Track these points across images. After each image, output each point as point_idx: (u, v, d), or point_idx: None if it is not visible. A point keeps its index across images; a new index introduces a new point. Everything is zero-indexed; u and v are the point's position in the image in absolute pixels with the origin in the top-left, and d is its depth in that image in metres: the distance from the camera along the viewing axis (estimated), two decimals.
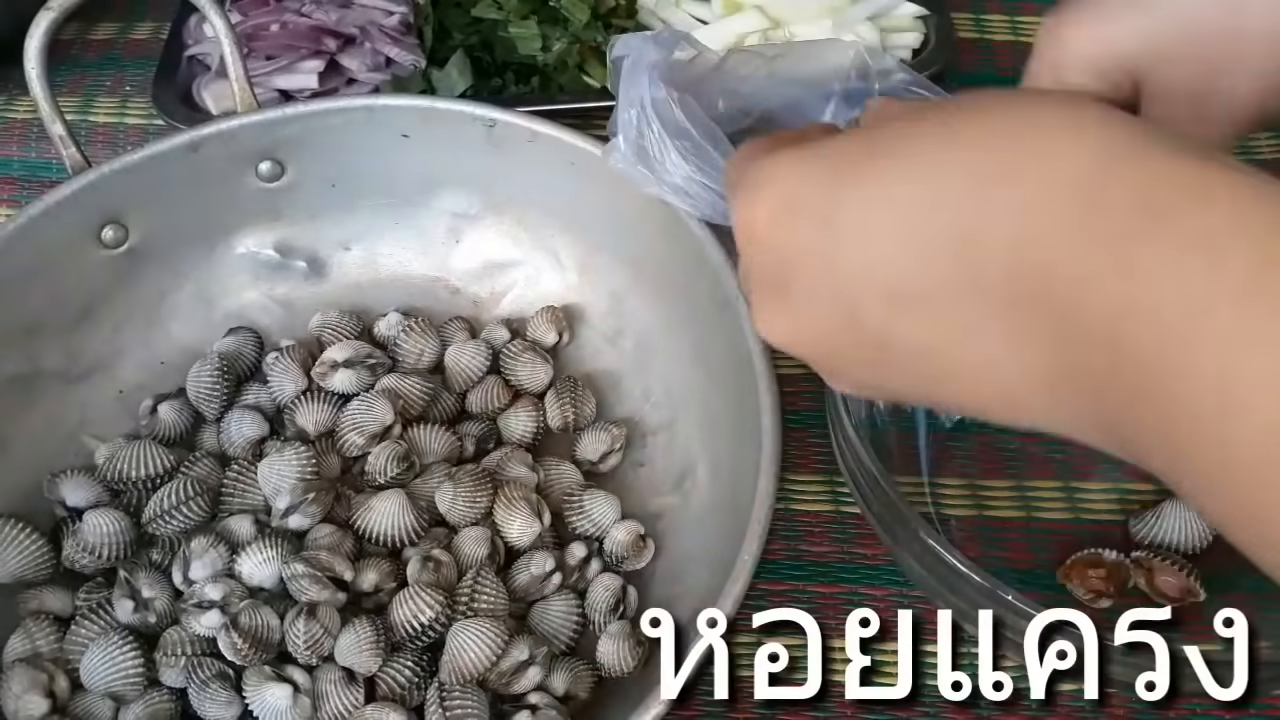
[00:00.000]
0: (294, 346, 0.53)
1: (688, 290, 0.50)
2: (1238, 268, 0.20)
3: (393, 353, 0.54)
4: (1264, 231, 0.21)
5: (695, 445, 0.50)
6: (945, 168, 0.26)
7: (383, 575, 0.45)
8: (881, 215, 0.27)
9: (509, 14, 0.70)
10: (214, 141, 0.53)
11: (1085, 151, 0.24)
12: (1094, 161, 0.23)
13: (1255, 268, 0.20)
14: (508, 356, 0.54)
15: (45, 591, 0.46)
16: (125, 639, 0.43)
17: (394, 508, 0.46)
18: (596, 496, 0.48)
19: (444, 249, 0.58)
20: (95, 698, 0.43)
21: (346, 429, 0.49)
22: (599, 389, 0.54)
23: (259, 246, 0.57)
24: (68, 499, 0.47)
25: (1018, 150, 0.25)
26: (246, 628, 0.42)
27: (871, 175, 0.27)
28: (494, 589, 0.44)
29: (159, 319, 0.55)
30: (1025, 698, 0.46)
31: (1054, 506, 0.51)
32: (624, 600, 0.46)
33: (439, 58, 0.69)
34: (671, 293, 0.52)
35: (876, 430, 0.49)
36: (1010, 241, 0.24)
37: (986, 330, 0.25)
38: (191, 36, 0.69)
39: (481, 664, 0.41)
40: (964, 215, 0.25)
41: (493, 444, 0.52)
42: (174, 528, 0.46)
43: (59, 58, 0.72)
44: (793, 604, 0.49)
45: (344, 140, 0.54)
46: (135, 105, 0.70)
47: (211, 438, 0.51)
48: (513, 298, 0.57)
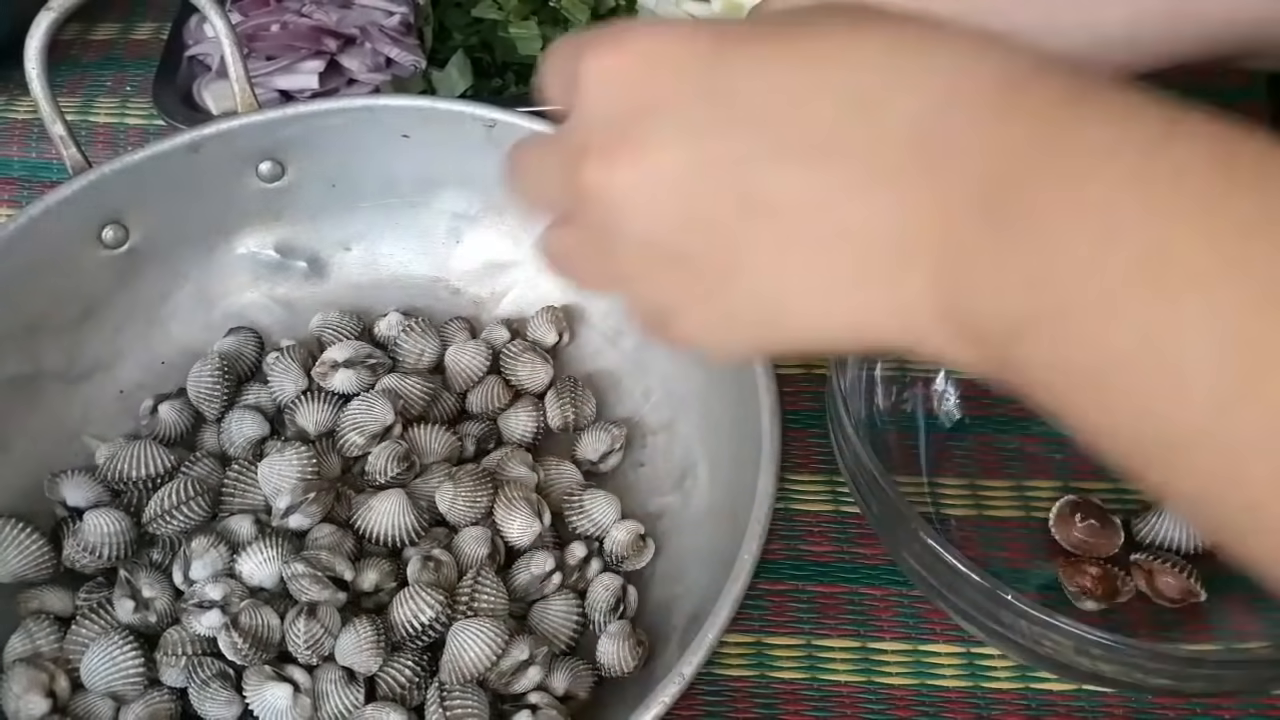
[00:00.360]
0: (294, 346, 0.53)
1: None
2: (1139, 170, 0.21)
3: (393, 353, 0.54)
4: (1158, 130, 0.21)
5: (695, 445, 0.50)
6: (853, 48, 0.25)
7: (383, 575, 0.45)
8: (778, 73, 0.25)
9: (509, 14, 0.70)
10: (214, 142, 0.53)
11: (995, 59, 0.24)
12: (1007, 65, 0.23)
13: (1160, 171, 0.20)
14: (508, 356, 0.54)
15: (46, 591, 0.46)
16: (126, 639, 0.43)
17: (394, 508, 0.46)
18: (596, 496, 0.48)
19: (444, 249, 0.58)
20: (96, 697, 0.43)
21: (347, 429, 0.49)
22: (599, 389, 0.54)
23: (259, 247, 0.57)
24: (68, 499, 0.48)
25: (934, 52, 0.24)
26: (247, 627, 0.42)
27: (769, 42, 0.26)
28: (494, 589, 0.44)
29: (159, 319, 0.55)
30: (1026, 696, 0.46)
31: (1054, 506, 0.51)
32: (624, 600, 0.46)
33: (439, 58, 0.69)
34: None
35: (876, 430, 0.49)
36: (918, 110, 0.23)
37: (867, 191, 0.24)
38: (192, 37, 0.69)
39: (482, 664, 0.42)
40: (869, 81, 0.24)
41: (493, 444, 0.52)
42: (174, 527, 0.46)
43: (59, 58, 0.72)
44: (793, 604, 0.49)
45: (344, 140, 0.54)
46: (136, 105, 0.70)
47: (212, 438, 0.52)
48: (513, 298, 0.57)
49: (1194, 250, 0.19)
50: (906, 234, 0.24)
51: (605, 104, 0.27)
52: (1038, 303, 0.21)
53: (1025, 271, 0.22)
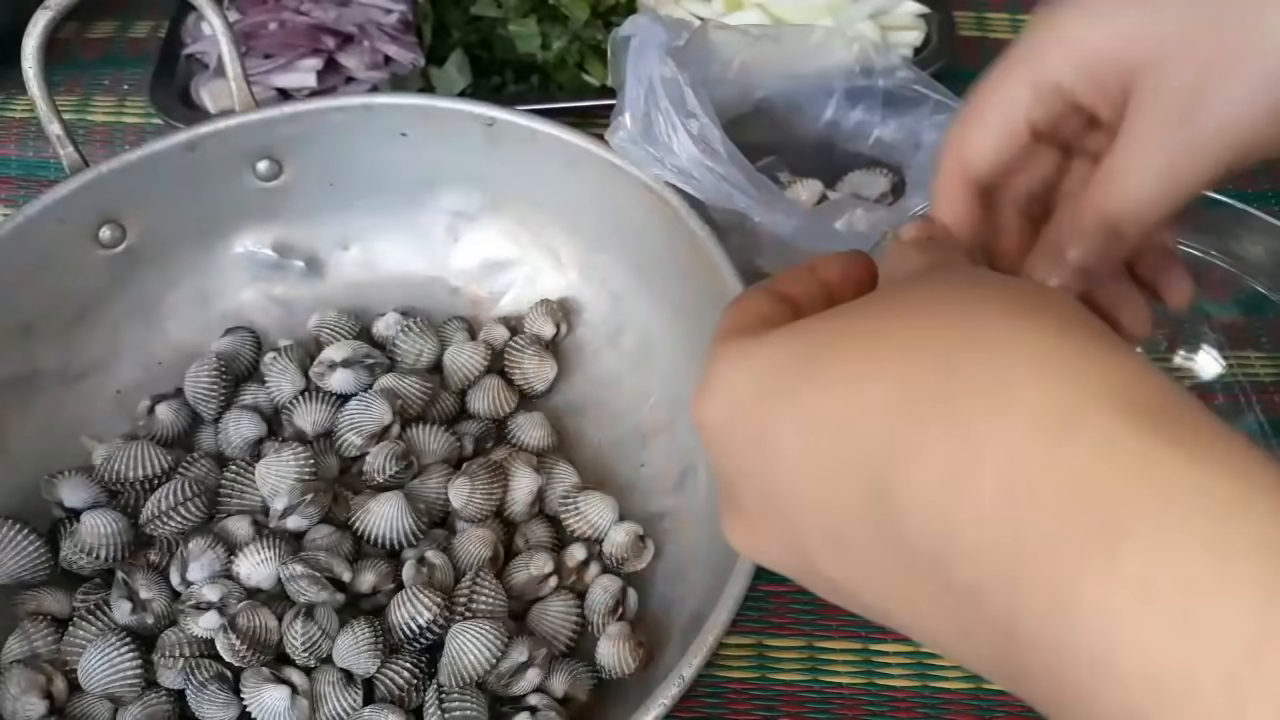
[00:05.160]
0: (292, 346, 0.53)
1: (688, 290, 0.50)
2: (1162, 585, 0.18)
3: (391, 353, 0.53)
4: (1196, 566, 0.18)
5: (695, 445, 0.49)
6: (865, 392, 0.23)
7: (381, 576, 0.45)
8: (807, 440, 0.24)
9: (508, 12, 0.70)
10: (212, 140, 0.52)
11: (1022, 413, 0.21)
12: (1027, 435, 0.20)
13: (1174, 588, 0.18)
14: (513, 350, 0.53)
15: (43, 592, 0.46)
16: (123, 640, 0.43)
17: (392, 510, 0.46)
18: (592, 498, 0.48)
19: (443, 248, 0.58)
20: (93, 699, 0.43)
21: (344, 429, 0.49)
22: (599, 389, 0.54)
23: (257, 246, 0.56)
24: (65, 500, 0.47)
25: (954, 381, 0.22)
26: (244, 629, 0.42)
27: (802, 390, 0.24)
28: (493, 590, 0.44)
29: (157, 319, 0.55)
30: None
31: None
32: (623, 602, 0.46)
33: (438, 56, 0.69)
34: (671, 293, 0.52)
35: None
36: (923, 508, 0.21)
37: (909, 593, 0.23)
38: (189, 35, 0.69)
39: (481, 666, 0.41)
40: (878, 459, 0.22)
41: (491, 443, 0.52)
42: (172, 528, 0.46)
43: (57, 57, 0.71)
44: (793, 605, 0.49)
45: (342, 139, 0.54)
46: (133, 104, 0.70)
47: (209, 438, 0.51)
48: (512, 297, 0.57)
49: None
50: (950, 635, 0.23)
51: (711, 456, 0.28)
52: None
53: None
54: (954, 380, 0.22)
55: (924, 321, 0.24)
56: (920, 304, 0.25)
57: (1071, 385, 0.21)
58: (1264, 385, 0.52)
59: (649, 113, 0.48)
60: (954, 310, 0.24)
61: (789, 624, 0.48)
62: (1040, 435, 0.20)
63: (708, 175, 0.48)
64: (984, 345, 0.22)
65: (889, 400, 0.23)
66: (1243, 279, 0.51)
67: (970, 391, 0.22)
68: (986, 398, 0.21)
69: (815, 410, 0.24)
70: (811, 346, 0.25)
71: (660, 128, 0.48)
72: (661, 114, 0.48)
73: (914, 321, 0.24)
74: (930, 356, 0.23)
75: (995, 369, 0.22)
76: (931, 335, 0.23)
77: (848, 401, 0.23)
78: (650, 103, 0.49)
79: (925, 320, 0.24)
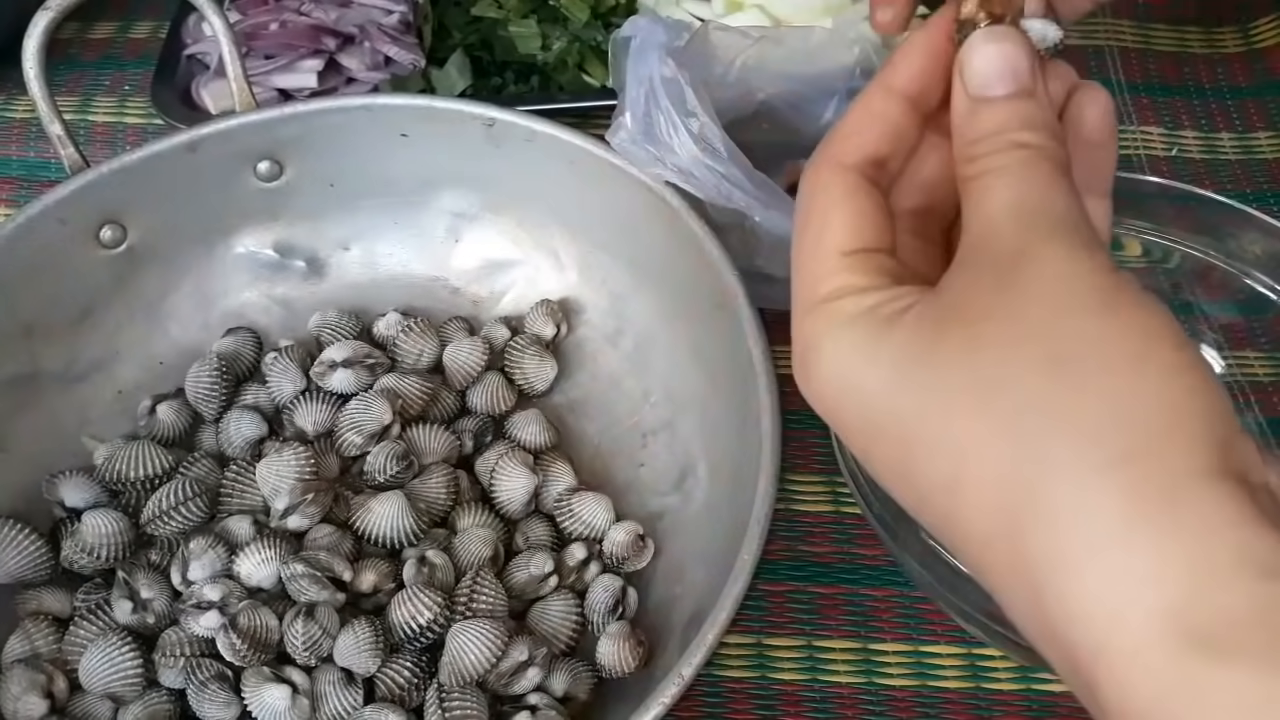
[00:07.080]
0: (293, 346, 0.53)
1: (688, 290, 0.50)
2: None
3: (392, 353, 0.53)
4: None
5: (695, 445, 0.50)
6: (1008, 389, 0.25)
7: (381, 576, 0.45)
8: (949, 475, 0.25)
9: (509, 13, 0.70)
10: (213, 141, 0.52)
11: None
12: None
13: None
14: (513, 350, 0.53)
15: (44, 592, 0.46)
16: (124, 640, 0.43)
17: (393, 510, 0.46)
18: (585, 498, 0.48)
19: (443, 248, 0.58)
20: (94, 698, 0.43)
21: (345, 429, 0.49)
22: (599, 389, 0.54)
23: (258, 246, 0.57)
24: (66, 499, 0.47)
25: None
26: (245, 628, 0.42)
27: (943, 439, 0.25)
28: (493, 589, 0.44)
29: (158, 319, 0.55)
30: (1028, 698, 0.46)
31: None
32: (623, 601, 0.46)
33: (438, 57, 0.69)
34: (671, 293, 0.52)
35: None
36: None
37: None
38: (190, 36, 0.69)
39: (481, 665, 0.41)
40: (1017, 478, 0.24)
41: (490, 439, 0.52)
42: (173, 528, 0.46)
43: (57, 57, 0.72)
44: (793, 605, 0.49)
45: (343, 140, 0.54)
46: (134, 105, 0.70)
47: (210, 438, 0.51)
48: (512, 297, 0.57)
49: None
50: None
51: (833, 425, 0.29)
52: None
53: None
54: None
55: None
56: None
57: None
58: (1263, 385, 0.52)
59: (649, 113, 0.48)
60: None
61: (788, 623, 0.48)
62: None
63: (708, 174, 0.48)
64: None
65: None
66: (1242, 279, 0.51)
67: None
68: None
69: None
70: (946, 369, 0.25)
71: (661, 127, 0.48)
72: (662, 113, 0.48)
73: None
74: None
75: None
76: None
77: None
78: (651, 103, 0.49)
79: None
